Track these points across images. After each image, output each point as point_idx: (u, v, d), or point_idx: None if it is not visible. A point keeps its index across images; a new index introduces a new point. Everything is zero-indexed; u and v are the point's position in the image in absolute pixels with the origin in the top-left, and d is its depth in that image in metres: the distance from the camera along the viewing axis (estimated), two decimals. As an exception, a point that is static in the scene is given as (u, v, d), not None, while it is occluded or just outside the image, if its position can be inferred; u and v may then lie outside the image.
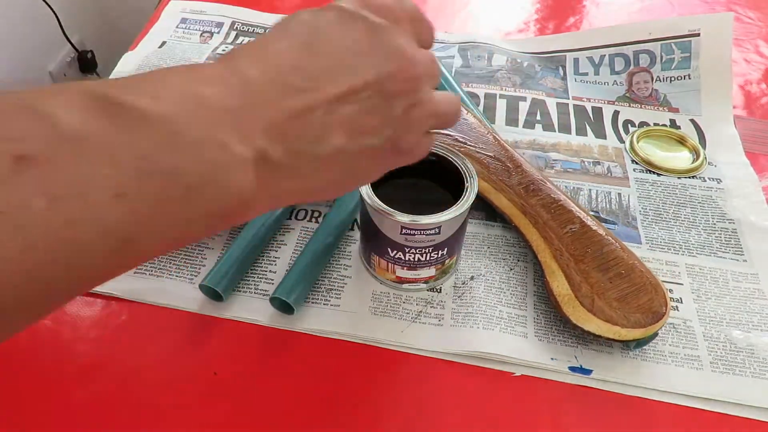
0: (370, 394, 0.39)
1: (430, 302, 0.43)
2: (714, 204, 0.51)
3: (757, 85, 0.65)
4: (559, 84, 0.63)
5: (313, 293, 0.44)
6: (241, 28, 0.70)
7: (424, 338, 0.41)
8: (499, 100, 0.61)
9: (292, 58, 0.26)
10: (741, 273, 0.46)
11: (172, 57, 0.65)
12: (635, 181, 0.53)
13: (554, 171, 0.54)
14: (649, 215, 0.50)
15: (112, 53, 1.15)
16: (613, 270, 0.41)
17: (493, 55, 0.66)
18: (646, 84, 0.62)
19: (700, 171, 0.54)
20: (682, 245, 0.48)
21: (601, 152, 0.56)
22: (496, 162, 0.49)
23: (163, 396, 0.38)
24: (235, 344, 0.41)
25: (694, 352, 0.41)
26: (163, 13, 0.72)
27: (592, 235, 0.43)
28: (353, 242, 0.47)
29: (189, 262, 0.46)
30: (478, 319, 0.42)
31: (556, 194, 0.46)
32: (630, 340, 0.39)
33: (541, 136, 0.57)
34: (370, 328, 0.42)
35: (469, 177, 0.40)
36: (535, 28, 0.74)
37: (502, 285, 0.44)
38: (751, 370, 0.40)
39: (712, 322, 0.42)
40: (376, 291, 0.44)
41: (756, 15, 0.75)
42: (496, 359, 0.40)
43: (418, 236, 0.39)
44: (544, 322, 0.42)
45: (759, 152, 0.57)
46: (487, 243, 0.47)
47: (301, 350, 0.41)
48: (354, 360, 0.40)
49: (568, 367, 0.40)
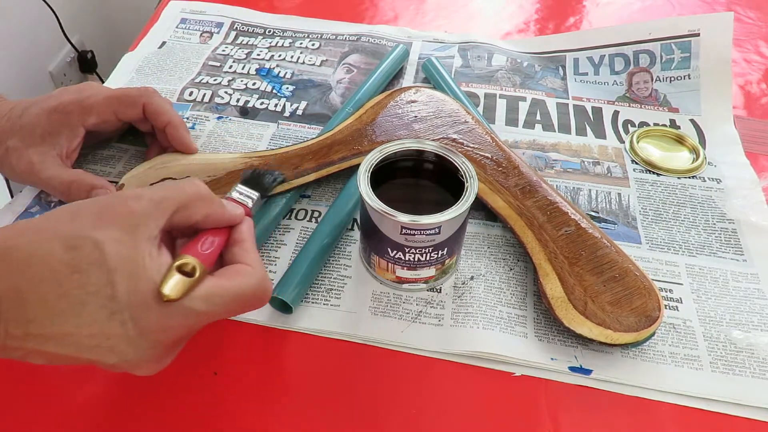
0: (370, 394, 0.39)
1: (430, 302, 0.43)
2: (714, 204, 0.51)
3: (757, 85, 0.65)
4: (559, 84, 0.63)
5: (312, 293, 0.44)
6: (241, 28, 0.70)
7: (424, 338, 0.41)
8: (498, 100, 0.61)
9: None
10: (741, 273, 0.46)
11: (171, 57, 0.65)
12: (635, 181, 0.53)
13: (554, 171, 0.54)
14: (649, 215, 0.50)
15: (112, 53, 1.15)
16: (607, 273, 0.41)
17: (493, 55, 0.66)
18: (646, 84, 0.62)
19: (700, 171, 0.54)
20: (681, 245, 0.48)
21: (601, 152, 0.56)
22: (493, 163, 0.49)
23: (163, 396, 0.38)
24: (234, 344, 0.41)
25: (694, 352, 0.41)
26: (163, 13, 0.72)
27: (587, 237, 0.43)
28: (353, 242, 0.47)
29: (189, 262, 0.45)
30: (478, 319, 0.42)
31: (552, 196, 0.46)
32: (622, 344, 0.39)
33: (541, 136, 0.57)
34: (370, 328, 0.42)
35: (468, 177, 0.40)
36: (535, 28, 0.74)
37: (502, 285, 0.44)
38: (751, 370, 0.40)
39: (712, 322, 0.42)
40: (376, 291, 0.44)
41: (756, 15, 0.75)
42: (496, 359, 0.40)
43: (418, 236, 0.39)
44: (544, 322, 0.42)
45: (759, 152, 0.57)
46: (487, 243, 0.47)
47: (301, 350, 0.41)
48: (354, 360, 0.40)
49: (568, 367, 0.40)
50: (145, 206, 0.30)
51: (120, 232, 0.29)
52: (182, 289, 0.29)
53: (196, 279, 0.30)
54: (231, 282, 0.32)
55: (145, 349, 0.29)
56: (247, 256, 0.34)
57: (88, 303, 0.27)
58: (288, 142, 0.55)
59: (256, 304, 0.33)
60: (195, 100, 0.60)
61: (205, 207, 0.33)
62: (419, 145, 0.43)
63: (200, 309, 0.30)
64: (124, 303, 0.28)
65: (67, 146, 0.47)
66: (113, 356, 0.29)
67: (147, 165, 0.49)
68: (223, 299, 0.31)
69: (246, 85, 0.62)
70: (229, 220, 0.35)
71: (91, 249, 0.28)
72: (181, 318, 0.30)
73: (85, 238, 0.28)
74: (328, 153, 0.50)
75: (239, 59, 0.65)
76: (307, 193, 0.51)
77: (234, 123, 0.57)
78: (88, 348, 0.28)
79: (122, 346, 0.28)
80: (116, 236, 0.28)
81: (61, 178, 0.46)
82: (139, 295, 0.28)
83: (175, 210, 0.31)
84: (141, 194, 0.31)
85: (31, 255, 0.28)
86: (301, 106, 0.60)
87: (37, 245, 0.28)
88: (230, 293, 0.31)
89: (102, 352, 0.28)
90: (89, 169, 0.52)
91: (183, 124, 0.50)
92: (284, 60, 0.65)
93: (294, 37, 0.69)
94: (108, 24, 1.35)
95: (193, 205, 0.32)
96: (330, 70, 0.64)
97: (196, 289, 0.30)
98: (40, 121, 0.46)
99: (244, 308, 0.33)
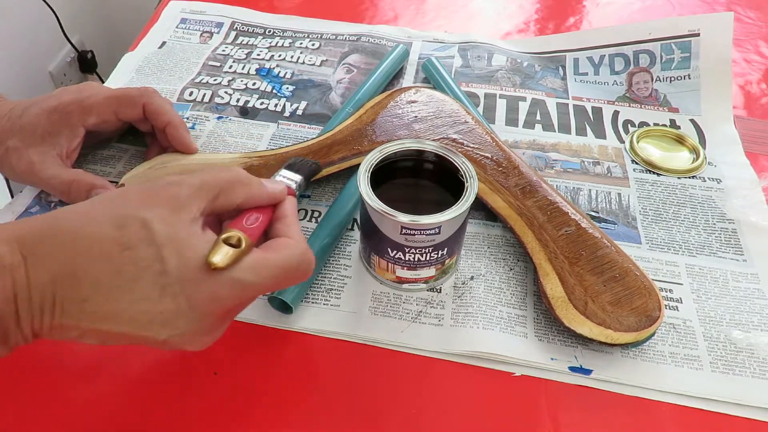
0: (370, 394, 0.39)
1: (430, 302, 0.43)
2: (714, 204, 0.51)
3: (757, 85, 0.65)
4: (559, 84, 0.63)
5: (312, 293, 0.44)
6: (241, 28, 0.70)
7: (424, 338, 0.41)
8: (498, 100, 0.61)
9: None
10: (741, 273, 0.46)
11: (171, 57, 0.65)
12: (635, 181, 0.53)
13: (554, 171, 0.54)
14: (649, 215, 0.50)
15: (112, 53, 1.15)
16: (607, 273, 0.41)
17: (493, 55, 0.66)
18: (646, 84, 0.62)
19: (700, 171, 0.54)
20: (681, 245, 0.48)
21: (601, 152, 0.56)
22: (493, 163, 0.49)
23: (163, 396, 0.38)
24: (235, 344, 0.41)
25: (694, 352, 0.41)
26: (163, 14, 0.72)
27: (587, 237, 0.43)
28: (353, 242, 0.47)
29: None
30: (478, 319, 0.42)
31: (553, 196, 0.46)
32: (622, 344, 0.39)
33: (541, 136, 0.57)
34: (370, 328, 0.42)
35: (468, 177, 0.40)
36: (535, 28, 0.74)
37: (502, 285, 0.44)
38: (751, 370, 0.40)
39: (712, 322, 0.42)
40: (376, 291, 0.44)
41: (756, 15, 0.75)
42: (496, 359, 0.40)
43: (418, 236, 0.39)
44: (544, 322, 0.42)
45: (759, 152, 0.57)
46: (487, 243, 0.47)
47: (301, 350, 0.41)
48: (354, 360, 0.40)
49: (568, 367, 0.40)
50: (186, 191, 0.31)
51: (165, 211, 0.30)
52: (229, 258, 0.30)
53: (242, 250, 0.30)
54: (276, 254, 0.32)
55: (197, 321, 0.30)
56: (290, 230, 0.34)
57: (140, 278, 0.28)
58: (288, 142, 0.55)
59: (301, 276, 0.34)
60: (195, 100, 0.60)
61: (245, 189, 0.33)
62: (419, 145, 0.43)
63: (248, 279, 0.30)
64: (175, 277, 0.29)
65: (67, 146, 0.47)
66: (166, 331, 0.29)
67: (147, 165, 0.49)
68: (269, 270, 0.31)
69: (246, 85, 0.62)
70: (271, 197, 0.35)
71: (139, 227, 0.29)
72: (231, 288, 0.30)
73: (132, 218, 0.29)
74: (328, 153, 0.50)
75: (239, 59, 0.65)
76: (307, 193, 0.51)
77: (234, 123, 0.57)
78: (141, 324, 0.29)
79: (175, 320, 0.29)
80: (162, 215, 0.29)
81: (61, 177, 0.46)
82: (188, 268, 0.29)
83: (216, 194, 0.32)
84: (182, 180, 0.32)
85: (82, 235, 0.29)
86: (301, 106, 0.60)
87: (87, 225, 0.29)
88: (276, 264, 0.32)
89: (155, 328, 0.29)
90: (89, 169, 0.52)
91: (183, 124, 0.50)
92: (284, 60, 0.65)
93: (294, 37, 0.69)
94: (108, 24, 1.35)
95: (231, 188, 0.33)
96: (330, 70, 0.64)
97: (243, 260, 0.30)
98: (40, 121, 0.46)
99: (289, 280, 0.34)
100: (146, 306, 0.29)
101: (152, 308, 0.29)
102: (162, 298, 0.29)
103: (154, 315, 0.29)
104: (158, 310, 0.29)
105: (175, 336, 0.30)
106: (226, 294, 0.30)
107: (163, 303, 0.29)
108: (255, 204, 0.34)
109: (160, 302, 0.29)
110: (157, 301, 0.29)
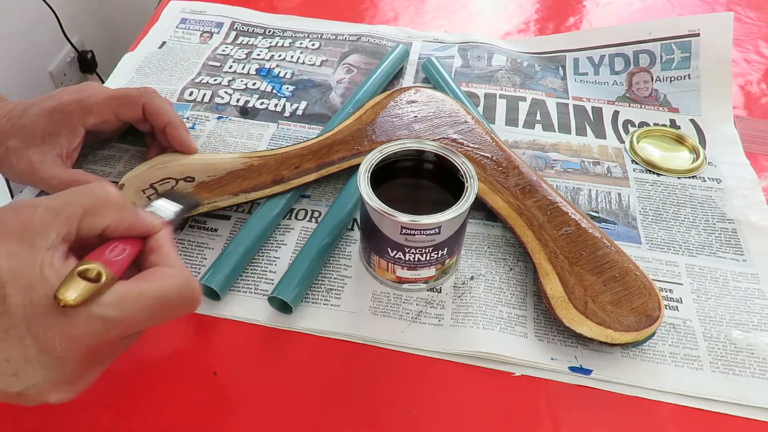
0: (370, 394, 0.39)
1: (430, 302, 0.43)
2: (714, 204, 0.51)
3: (757, 85, 0.65)
4: (559, 84, 0.63)
5: (313, 293, 0.44)
6: (241, 28, 0.70)
7: (424, 338, 0.41)
8: (498, 100, 0.61)
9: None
10: (741, 273, 0.46)
11: (171, 57, 0.65)
12: (635, 181, 0.53)
13: (554, 171, 0.54)
14: (649, 215, 0.50)
15: (112, 53, 1.15)
16: (607, 273, 0.41)
17: (493, 55, 0.66)
18: (646, 84, 0.62)
19: (700, 171, 0.54)
20: (681, 245, 0.48)
21: (601, 152, 0.56)
22: (493, 163, 0.49)
23: (163, 396, 0.38)
24: (234, 344, 0.41)
25: (694, 352, 0.41)
26: (163, 14, 0.72)
27: (587, 237, 0.43)
28: (353, 242, 0.47)
29: (189, 261, 0.46)
30: (478, 319, 0.42)
31: (552, 196, 0.46)
32: (622, 343, 0.39)
33: (541, 136, 0.57)
34: (370, 328, 0.42)
35: (468, 177, 0.40)
36: (535, 28, 0.74)
37: (502, 285, 0.44)
38: (751, 370, 0.40)
39: (712, 322, 0.42)
40: (376, 291, 0.44)
41: (756, 15, 0.75)
42: (496, 359, 0.40)
43: (418, 236, 0.39)
44: (544, 322, 0.42)
45: (759, 152, 0.57)
46: (487, 243, 0.47)
47: (301, 350, 0.41)
48: (354, 360, 0.40)
49: (568, 367, 0.40)
50: (41, 215, 0.28)
51: (14, 245, 0.27)
52: (83, 294, 0.26)
53: (101, 285, 0.27)
54: (150, 284, 0.29)
55: (54, 368, 0.27)
56: (169, 260, 0.31)
57: None
58: (288, 142, 0.55)
59: (185, 307, 0.31)
60: (195, 100, 0.60)
61: (115, 212, 0.30)
62: (419, 145, 0.43)
63: (111, 315, 0.27)
64: (19, 317, 0.26)
65: (67, 146, 0.47)
66: (18, 382, 0.26)
67: (147, 165, 0.49)
68: (139, 303, 0.28)
69: (246, 85, 0.62)
70: (144, 227, 0.32)
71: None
72: (88, 327, 0.27)
73: None
74: (328, 153, 0.50)
75: (239, 59, 0.65)
76: (307, 193, 0.51)
77: (234, 123, 0.57)
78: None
79: (25, 367, 0.26)
80: (9, 250, 0.26)
81: (61, 178, 0.46)
82: (35, 306, 0.26)
83: (81, 216, 0.29)
84: (37, 203, 0.28)
85: None
86: (301, 106, 0.60)
87: None
88: (150, 296, 0.29)
89: (5, 379, 0.26)
90: (89, 169, 0.52)
91: (183, 125, 0.50)
92: (284, 60, 0.65)
93: (294, 37, 0.69)
94: (108, 24, 1.35)
95: (100, 210, 0.30)
96: (330, 70, 0.64)
97: (104, 294, 0.27)
98: (40, 121, 0.46)
99: (171, 313, 0.30)
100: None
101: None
102: (5, 343, 0.25)
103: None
104: (4, 357, 0.25)
105: (30, 387, 0.27)
106: (83, 333, 0.27)
107: (8, 348, 0.25)
108: (125, 231, 0.31)
109: (4, 347, 0.25)
110: (1, 347, 0.25)
